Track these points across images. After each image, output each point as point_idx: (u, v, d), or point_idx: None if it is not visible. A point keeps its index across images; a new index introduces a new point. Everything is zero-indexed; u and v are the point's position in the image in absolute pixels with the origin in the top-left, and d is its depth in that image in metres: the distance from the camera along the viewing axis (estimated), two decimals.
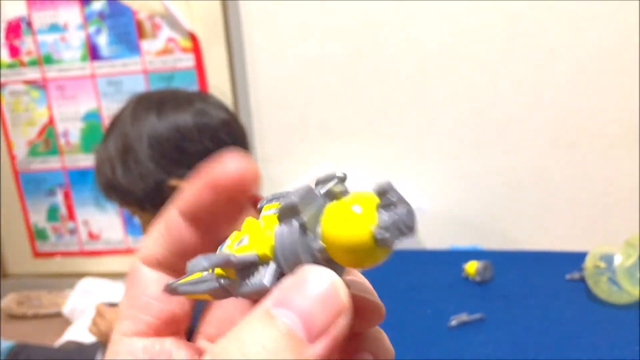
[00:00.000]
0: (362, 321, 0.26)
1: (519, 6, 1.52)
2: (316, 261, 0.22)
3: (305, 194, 0.23)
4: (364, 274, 0.27)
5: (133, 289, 0.25)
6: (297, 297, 0.20)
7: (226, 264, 0.22)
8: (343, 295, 0.21)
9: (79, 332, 1.51)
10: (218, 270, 0.23)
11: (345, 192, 0.24)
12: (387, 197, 0.22)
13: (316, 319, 0.20)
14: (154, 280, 0.25)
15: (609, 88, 1.53)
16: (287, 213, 0.22)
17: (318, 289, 0.20)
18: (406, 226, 0.22)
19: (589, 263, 1.06)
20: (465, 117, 1.62)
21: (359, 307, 0.25)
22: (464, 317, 1.00)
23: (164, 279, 0.25)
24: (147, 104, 0.99)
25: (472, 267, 1.13)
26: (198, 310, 0.28)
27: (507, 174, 1.64)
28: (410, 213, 0.22)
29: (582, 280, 1.09)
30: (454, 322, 0.99)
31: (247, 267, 0.23)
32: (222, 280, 0.23)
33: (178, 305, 0.25)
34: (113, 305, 1.21)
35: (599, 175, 1.59)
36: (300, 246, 0.22)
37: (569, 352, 0.92)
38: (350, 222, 0.22)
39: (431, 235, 1.69)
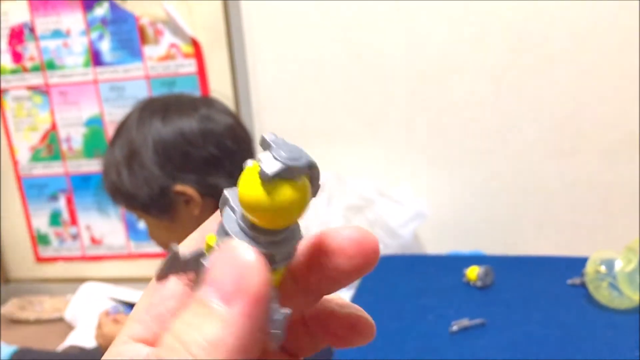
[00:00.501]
0: (356, 338, 0.27)
1: (519, 14, 1.53)
2: (244, 232, 0.23)
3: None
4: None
5: (154, 295, 0.25)
6: (211, 272, 0.21)
7: (173, 259, 0.24)
8: (246, 255, 0.21)
9: (81, 337, 1.52)
10: None
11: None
12: (271, 147, 0.23)
13: (224, 283, 0.21)
14: (175, 294, 0.25)
15: (609, 95, 1.53)
16: (222, 204, 0.24)
17: (225, 258, 0.21)
18: (290, 158, 0.22)
19: (589, 268, 1.06)
20: (466, 123, 1.63)
21: (353, 325, 0.27)
22: (465, 322, 1.01)
23: (187, 291, 0.25)
24: (153, 109, 1.00)
25: (473, 272, 1.13)
26: None
27: (508, 180, 1.64)
28: (293, 149, 0.23)
29: (583, 285, 1.10)
30: (455, 327, 0.99)
31: (197, 261, 0.24)
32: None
33: None
34: (123, 302, 1.22)
35: (600, 181, 1.59)
36: (227, 222, 0.23)
37: (570, 357, 0.92)
38: (244, 178, 0.23)
39: (432, 241, 1.69)
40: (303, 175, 0.23)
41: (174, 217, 1.00)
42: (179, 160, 0.98)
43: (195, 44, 1.69)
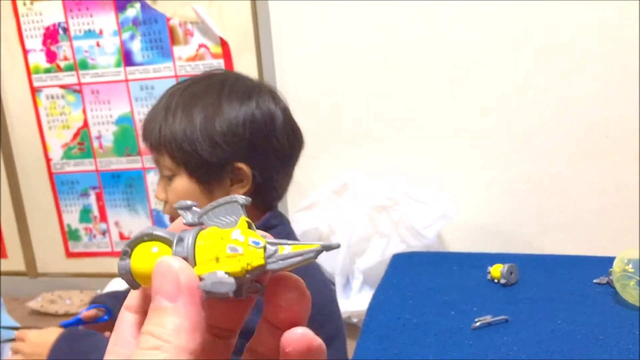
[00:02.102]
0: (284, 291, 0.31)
1: (546, 15, 1.52)
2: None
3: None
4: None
5: (117, 330, 0.32)
6: (154, 284, 0.28)
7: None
8: (174, 263, 0.28)
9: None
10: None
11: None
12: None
13: (167, 287, 0.28)
14: (134, 323, 0.31)
15: (636, 98, 1.52)
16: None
17: (159, 271, 0.29)
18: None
19: (616, 267, 1.05)
20: (493, 125, 1.62)
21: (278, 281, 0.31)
22: (488, 318, 1.00)
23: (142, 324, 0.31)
24: (237, 90, 1.02)
25: (497, 269, 1.12)
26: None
27: (535, 183, 1.63)
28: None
29: (610, 284, 1.08)
30: (478, 324, 0.99)
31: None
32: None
33: None
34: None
35: (627, 183, 1.57)
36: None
37: (595, 356, 0.91)
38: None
39: (457, 242, 1.69)
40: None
41: (212, 189, 1.02)
42: (259, 143, 1.01)
43: (224, 44, 1.71)
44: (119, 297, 1.23)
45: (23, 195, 1.94)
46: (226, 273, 0.29)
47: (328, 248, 0.30)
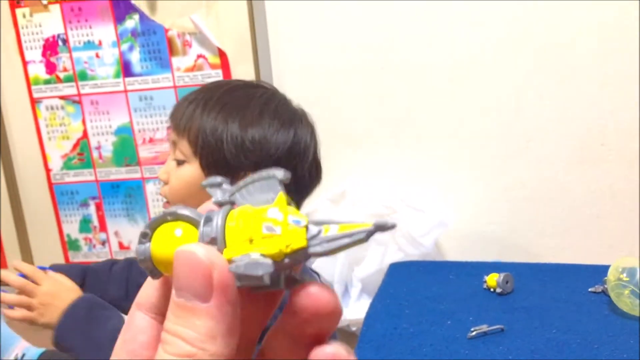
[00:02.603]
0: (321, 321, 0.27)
1: (544, 19, 1.53)
2: None
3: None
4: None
5: (126, 333, 0.29)
6: (178, 279, 0.25)
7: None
8: (204, 256, 0.24)
9: None
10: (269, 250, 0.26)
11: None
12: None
13: (196, 285, 0.24)
14: (144, 329, 0.28)
15: (634, 102, 1.53)
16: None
17: (185, 264, 0.25)
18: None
19: (611, 276, 1.06)
20: (489, 131, 1.63)
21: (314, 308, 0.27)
22: (484, 328, 1.01)
23: (154, 329, 0.28)
24: (282, 112, 1.05)
25: (492, 279, 1.13)
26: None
27: (531, 189, 1.64)
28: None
29: (605, 293, 1.09)
30: (473, 333, 1.00)
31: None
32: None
33: None
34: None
35: (623, 189, 1.58)
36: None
37: None
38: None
39: (454, 250, 1.69)
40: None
41: None
42: (283, 166, 1.01)
43: (222, 55, 1.72)
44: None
45: (23, 206, 1.95)
46: (262, 255, 0.25)
47: (382, 228, 0.26)
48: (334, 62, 1.68)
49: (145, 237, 0.28)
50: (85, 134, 1.86)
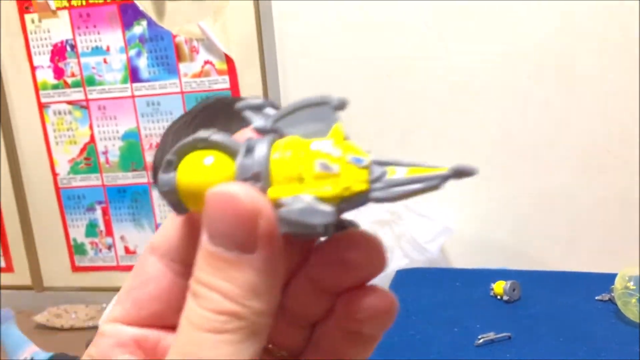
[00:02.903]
0: (360, 267, 0.24)
1: (547, 32, 1.54)
2: None
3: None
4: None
5: (134, 279, 0.25)
6: (215, 223, 0.21)
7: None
8: (248, 199, 0.20)
9: None
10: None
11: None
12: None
13: (238, 232, 0.20)
14: (156, 278, 0.25)
15: (637, 113, 1.53)
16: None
17: (224, 207, 0.21)
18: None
19: (618, 284, 1.06)
20: (495, 139, 1.63)
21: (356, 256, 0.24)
22: (491, 335, 1.01)
23: (166, 278, 0.25)
24: None
25: (499, 286, 1.13)
26: None
27: (536, 197, 1.64)
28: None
29: (612, 301, 1.09)
30: (481, 341, 1.00)
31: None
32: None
33: (175, 310, 0.23)
34: None
35: (628, 198, 1.58)
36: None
37: None
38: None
39: (459, 257, 1.70)
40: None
41: None
42: None
43: (229, 61, 1.73)
44: None
45: (30, 210, 1.96)
46: (316, 198, 0.21)
47: (460, 173, 0.22)
48: (341, 68, 1.68)
49: (170, 165, 0.23)
50: (92, 138, 1.87)
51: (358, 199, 0.21)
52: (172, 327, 0.24)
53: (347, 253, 0.23)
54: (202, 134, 0.23)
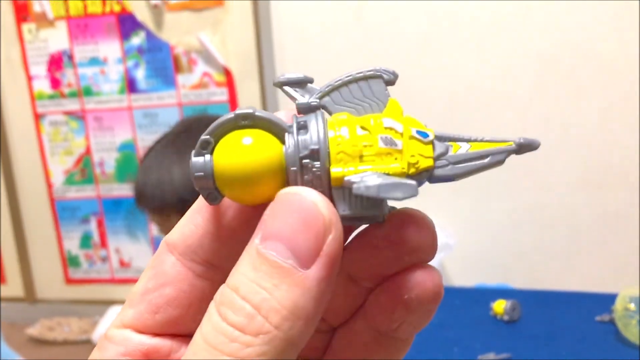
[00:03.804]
0: (414, 251, 0.22)
1: (546, 44, 1.54)
2: None
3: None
4: None
5: (150, 280, 0.23)
6: (277, 225, 0.19)
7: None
8: (325, 212, 0.19)
9: None
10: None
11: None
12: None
13: (301, 242, 0.19)
14: (176, 278, 0.22)
15: (637, 128, 1.53)
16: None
17: (295, 211, 0.19)
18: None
19: (618, 305, 1.05)
20: None
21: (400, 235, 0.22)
22: (491, 356, 1.00)
23: (185, 280, 0.22)
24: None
25: (499, 306, 1.12)
26: None
27: (536, 213, 1.63)
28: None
29: (612, 322, 1.08)
30: None
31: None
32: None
33: (193, 313, 0.22)
34: None
35: (629, 215, 1.57)
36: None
37: None
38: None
39: (458, 273, 1.69)
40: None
41: None
42: None
43: (227, 73, 1.72)
44: None
45: (23, 221, 1.94)
46: (386, 174, 0.19)
47: (526, 147, 0.22)
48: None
49: (206, 147, 0.21)
50: (88, 149, 1.86)
51: (422, 176, 0.20)
52: (188, 335, 0.22)
53: (402, 234, 0.21)
54: (244, 109, 0.21)
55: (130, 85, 1.78)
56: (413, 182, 0.19)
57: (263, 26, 1.67)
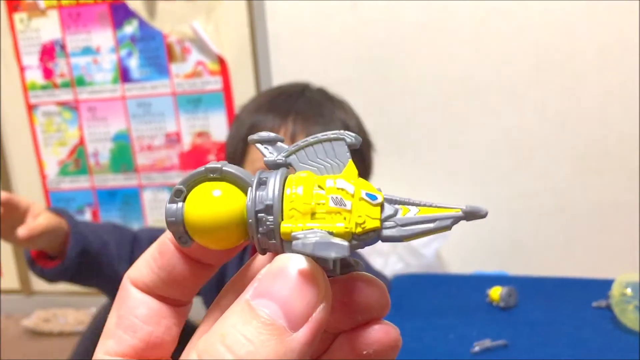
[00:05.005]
0: (365, 311, 0.24)
1: (543, 32, 1.52)
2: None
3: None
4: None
5: (121, 308, 0.25)
6: (275, 286, 0.20)
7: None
8: (321, 281, 0.21)
9: None
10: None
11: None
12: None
13: (296, 306, 0.20)
14: (143, 302, 0.25)
15: (635, 114, 1.52)
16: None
17: (296, 277, 0.20)
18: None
19: (615, 291, 1.04)
20: (490, 142, 1.62)
21: (361, 297, 0.24)
22: (487, 342, 0.99)
23: (152, 302, 0.25)
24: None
25: (496, 292, 1.12)
26: None
27: (533, 200, 1.62)
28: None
29: (609, 308, 1.08)
30: (477, 348, 0.98)
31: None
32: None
33: (166, 329, 0.24)
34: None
35: (626, 201, 1.56)
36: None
37: None
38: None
39: (455, 261, 1.68)
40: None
41: None
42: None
43: (221, 61, 1.71)
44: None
45: None
46: (329, 233, 0.21)
47: (472, 215, 0.23)
48: (335, 70, 1.66)
49: (179, 195, 0.23)
50: (82, 140, 1.84)
51: (369, 237, 0.22)
52: (166, 357, 0.24)
53: (353, 296, 0.23)
54: (213, 164, 0.23)
55: (124, 75, 1.77)
56: (345, 244, 0.20)
57: (257, 14, 1.65)
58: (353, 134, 0.23)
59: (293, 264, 0.21)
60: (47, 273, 0.92)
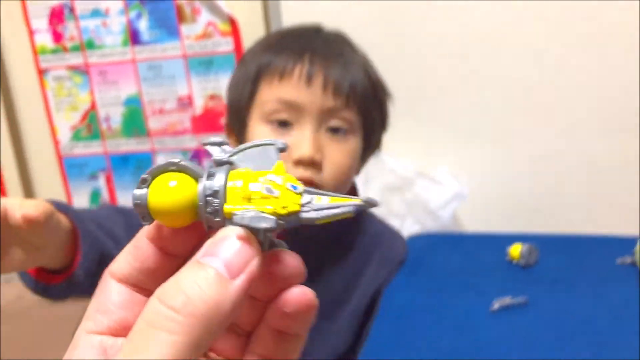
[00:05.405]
0: (286, 278, 0.30)
1: None
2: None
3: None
4: None
5: (100, 296, 0.30)
6: (219, 248, 0.27)
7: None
8: (254, 243, 0.27)
9: None
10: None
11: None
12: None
13: (234, 261, 0.26)
14: (118, 291, 0.30)
15: None
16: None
17: (235, 240, 0.27)
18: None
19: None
20: (509, 99, 1.57)
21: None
22: (507, 300, 0.97)
23: (127, 292, 0.31)
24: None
25: (516, 250, 1.09)
26: None
27: (554, 159, 1.58)
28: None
29: (634, 264, 1.05)
30: (496, 306, 0.96)
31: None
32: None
33: (138, 314, 0.27)
34: None
35: None
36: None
37: (618, 337, 0.88)
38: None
39: (473, 222, 1.65)
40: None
41: (365, 158, 1.09)
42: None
43: (232, 22, 1.67)
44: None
45: (32, 179, 1.93)
46: (260, 211, 0.28)
47: (369, 205, 0.29)
48: (348, 29, 1.62)
49: (144, 182, 0.29)
50: (93, 105, 1.82)
51: (291, 218, 0.28)
52: None
53: (276, 266, 0.29)
54: (174, 159, 0.30)
55: (133, 37, 1.74)
56: (273, 218, 0.27)
57: None
58: (282, 142, 0.30)
59: (233, 231, 0.27)
60: (52, 290, 0.76)
